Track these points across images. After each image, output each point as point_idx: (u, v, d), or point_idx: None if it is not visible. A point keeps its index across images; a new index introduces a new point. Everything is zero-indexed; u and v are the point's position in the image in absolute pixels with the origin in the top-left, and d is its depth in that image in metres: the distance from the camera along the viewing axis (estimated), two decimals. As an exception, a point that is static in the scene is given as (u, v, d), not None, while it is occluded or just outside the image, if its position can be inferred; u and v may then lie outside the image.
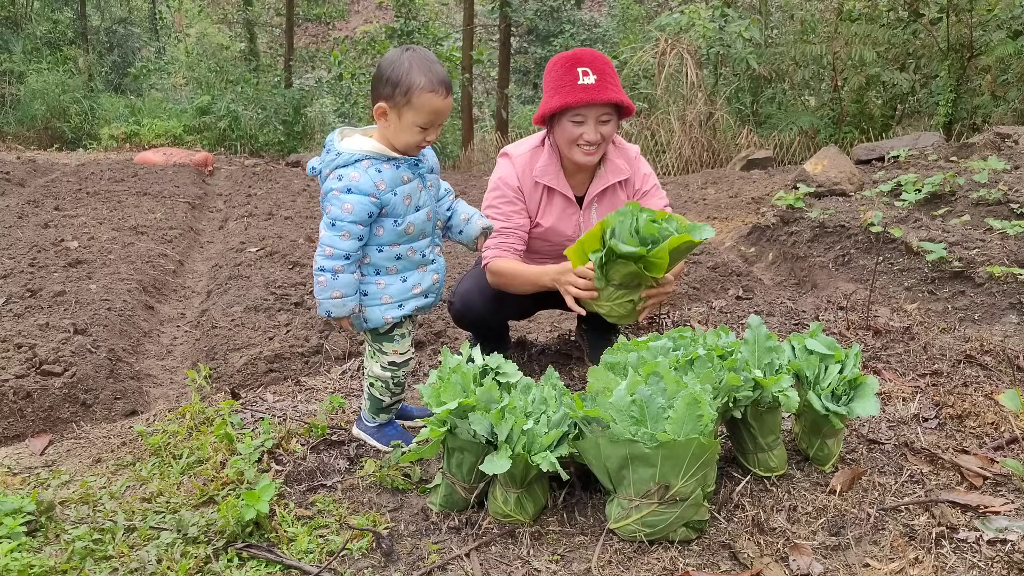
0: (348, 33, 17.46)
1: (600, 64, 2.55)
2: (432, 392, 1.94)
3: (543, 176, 2.71)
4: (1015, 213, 4.76)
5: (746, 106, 11.64)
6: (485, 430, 1.87)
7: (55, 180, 8.24)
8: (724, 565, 1.80)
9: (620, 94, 2.55)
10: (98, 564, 1.82)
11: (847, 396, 2.06)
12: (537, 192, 2.74)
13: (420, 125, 2.08)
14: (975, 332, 3.37)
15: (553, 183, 2.71)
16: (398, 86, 2.04)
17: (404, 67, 2.04)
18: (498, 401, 1.90)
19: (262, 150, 13.45)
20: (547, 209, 2.76)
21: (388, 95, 2.06)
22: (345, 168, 2.08)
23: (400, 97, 2.04)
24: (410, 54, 2.08)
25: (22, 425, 2.92)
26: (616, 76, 2.60)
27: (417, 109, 2.05)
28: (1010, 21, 9.37)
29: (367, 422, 2.39)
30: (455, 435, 1.93)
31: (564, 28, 18.22)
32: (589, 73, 2.51)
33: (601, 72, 2.53)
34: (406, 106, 2.05)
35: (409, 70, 2.04)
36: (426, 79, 2.04)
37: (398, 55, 2.09)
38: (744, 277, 4.69)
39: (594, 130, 2.56)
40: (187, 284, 5.16)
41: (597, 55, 2.59)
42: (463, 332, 3.74)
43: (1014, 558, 1.73)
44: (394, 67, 2.05)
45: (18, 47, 15.56)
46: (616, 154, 2.77)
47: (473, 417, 1.87)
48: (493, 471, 1.80)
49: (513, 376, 2.08)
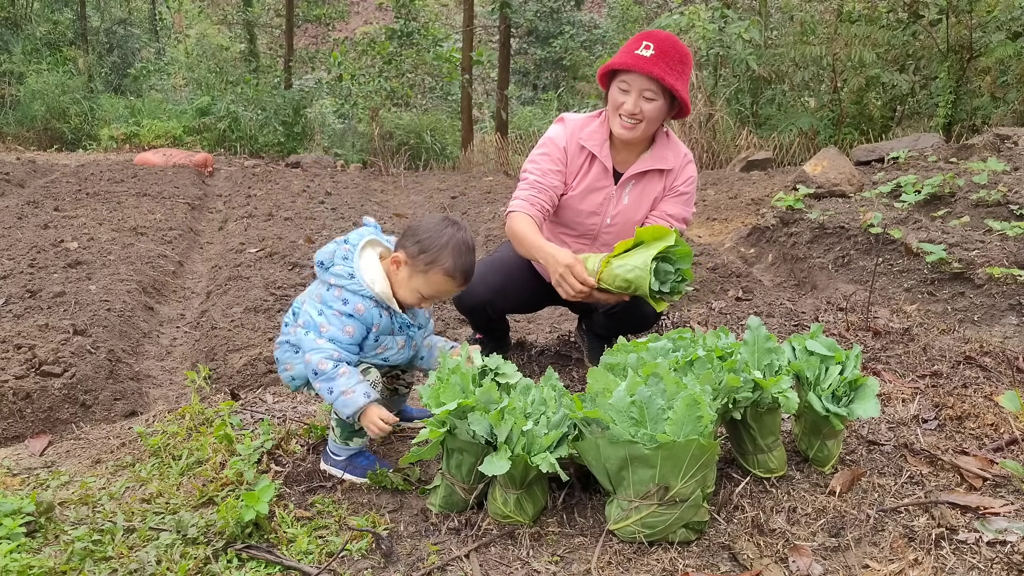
0: (348, 34, 17.45)
1: (667, 46, 2.53)
2: (431, 393, 1.94)
3: (588, 140, 2.73)
4: (1015, 214, 4.76)
5: (746, 107, 11.65)
6: (484, 431, 1.87)
7: (55, 181, 8.24)
8: (724, 566, 1.80)
9: (669, 76, 2.51)
10: (97, 565, 1.82)
11: (847, 397, 2.06)
12: (580, 157, 2.75)
13: (423, 294, 2.12)
14: (975, 333, 3.37)
15: (596, 149, 2.72)
16: (425, 252, 2.07)
17: (441, 241, 2.08)
18: (497, 402, 1.90)
19: (262, 151, 13.44)
20: (583, 176, 2.76)
21: (412, 253, 2.09)
22: (353, 296, 2.09)
23: (420, 262, 2.08)
24: (453, 231, 2.10)
25: (21, 426, 2.92)
26: (680, 63, 2.55)
27: (428, 281, 2.09)
28: (1009, 22, 9.38)
29: (334, 454, 2.23)
30: (454, 436, 1.93)
31: (564, 29, 18.25)
32: (651, 47, 2.51)
33: (663, 51, 2.51)
34: (420, 272, 2.09)
35: (443, 247, 2.07)
36: (452, 263, 2.07)
37: (443, 227, 2.11)
38: (744, 278, 4.69)
39: (635, 102, 2.56)
40: (187, 285, 5.16)
41: (673, 39, 2.56)
42: (463, 333, 3.74)
43: (1013, 559, 1.73)
44: (432, 235, 2.09)
45: (18, 48, 15.55)
46: (667, 146, 2.78)
47: (472, 418, 1.87)
48: (493, 472, 1.80)
49: (512, 377, 2.08)
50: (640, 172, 2.74)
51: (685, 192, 2.79)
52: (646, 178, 2.76)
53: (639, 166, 2.74)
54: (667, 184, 2.78)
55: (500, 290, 2.86)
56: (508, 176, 10.58)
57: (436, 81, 15.26)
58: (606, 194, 2.76)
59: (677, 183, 2.78)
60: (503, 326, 3.20)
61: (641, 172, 2.74)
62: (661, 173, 2.76)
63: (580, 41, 18.31)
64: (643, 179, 2.76)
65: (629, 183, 2.76)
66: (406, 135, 13.30)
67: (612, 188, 2.76)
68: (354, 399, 2.04)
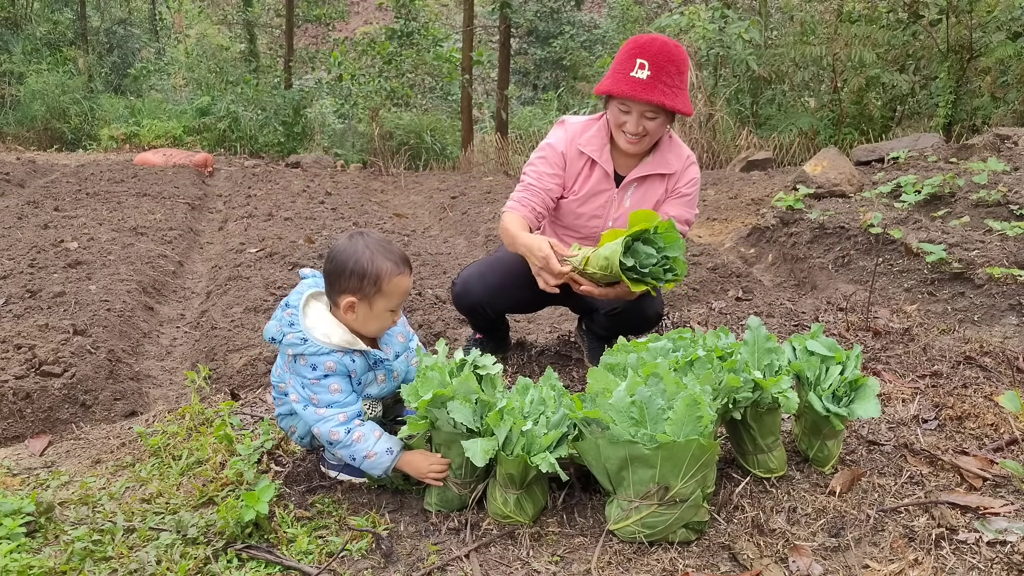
0: (348, 34, 17.44)
1: (662, 60, 2.48)
2: (410, 390, 1.94)
3: (587, 146, 2.73)
4: (1015, 214, 4.76)
5: (746, 107, 11.64)
6: (465, 419, 1.87)
7: (55, 181, 8.24)
8: (724, 566, 1.80)
9: (668, 97, 2.49)
10: (97, 565, 1.82)
11: (848, 397, 2.06)
12: (580, 161, 2.75)
13: (391, 308, 2.04)
14: (975, 333, 3.37)
15: (595, 155, 2.72)
16: (366, 277, 1.98)
17: (366, 256, 1.99)
18: (476, 391, 1.90)
19: (262, 151, 13.44)
20: (584, 181, 2.77)
21: (356, 288, 1.99)
22: (317, 358, 1.99)
23: (370, 287, 1.99)
24: (365, 240, 2.02)
25: (21, 426, 2.92)
26: (678, 75, 2.52)
27: (388, 295, 2.01)
28: (1009, 23, 9.37)
29: (331, 460, 2.23)
30: (438, 429, 1.93)
31: (564, 29, 18.24)
32: (645, 66, 2.47)
33: (659, 69, 2.47)
34: (377, 295, 2.00)
35: (372, 258, 1.99)
36: (391, 263, 2.00)
37: (352, 244, 2.01)
38: (744, 278, 4.69)
39: (636, 123, 2.56)
40: (187, 285, 5.16)
41: (667, 49, 2.50)
42: (463, 333, 3.74)
43: (1013, 559, 1.73)
44: (355, 258, 1.99)
45: (18, 48, 15.55)
46: (671, 149, 2.77)
47: (451, 406, 1.87)
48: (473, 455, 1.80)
49: (492, 369, 2.06)
50: (642, 176, 2.75)
51: (687, 194, 2.79)
52: (648, 181, 2.76)
53: (641, 170, 2.74)
54: (669, 187, 2.78)
55: (499, 289, 2.87)
56: (508, 176, 10.58)
57: (436, 81, 15.26)
58: (608, 197, 2.76)
59: (679, 185, 2.78)
60: (503, 326, 3.20)
61: (643, 176, 2.75)
62: (663, 176, 2.77)
63: (580, 41, 18.31)
64: (645, 182, 2.76)
65: (631, 186, 2.76)
66: (406, 135, 13.29)
67: (614, 191, 2.76)
68: (379, 461, 2.02)
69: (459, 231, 6.83)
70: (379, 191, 9.38)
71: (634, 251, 2.34)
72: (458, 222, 7.14)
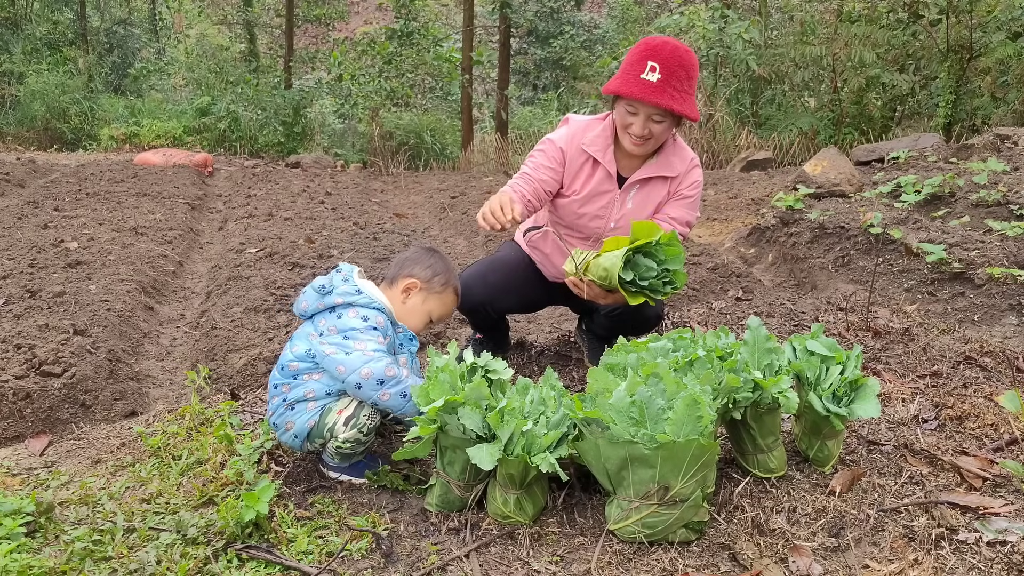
0: (348, 34, 17.44)
1: (673, 64, 2.47)
2: (421, 392, 1.94)
3: (590, 146, 2.72)
4: (1015, 214, 4.76)
5: (746, 107, 11.64)
6: (475, 426, 1.87)
7: (55, 181, 8.24)
8: (724, 566, 1.80)
9: (676, 102, 2.47)
10: (97, 565, 1.82)
11: (848, 397, 2.06)
12: (581, 160, 2.74)
13: (432, 317, 2.29)
14: (975, 333, 3.37)
15: (597, 155, 2.71)
16: (438, 275, 2.28)
17: (447, 268, 2.31)
18: (487, 398, 1.90)
19: (262, 151, 13.44)
20: (587, 182, 2.75)
21: (426, 278, 2.27)
22: (370, 311, 2.15)
23: (437, 284, 2.27)
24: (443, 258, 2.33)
25: (21, 426, 2.92)
26: (687, 80, 2.51)
27: (442, 301, 2.29)
28: (1010, 23, 9.38)
29: (330, 461, 2.22)
30: (446, 433, 1.93)
31: (564, 29, 18.24)
32: (656, 69, 2.46)
33: (669, 73, 2.46)
34: (435, 294, 2.27)
35: (451, 273, 2.32)
36: (457, 286, 2.33)
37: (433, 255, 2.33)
38: (744, 278, 4.69)
39: (643, 126, 2.55)
40: (187, 285, 5.16)
41: (678, 53, 2.48)
42: (463, 333, 3.74)
43: (1013, 559, 1.73)
44: (439, 260, 2.32)
45: (18, 48, 15.54)
46: (675, 152, 2.76)
47: (462, 412, 1.86)
48: (478, 460, 1.79)
49: (504, 374, 2.07)
50: (644, 178, 2.74)
51: (689, 196, 2.79)
52: (651, 183, 2.76)
53: (644, 172, 2.73)
54: (672, 189, 2.77)
55: (500, 289, 2.86)
56: (508, 176, 10.56)
57: (436, 81, 15.25)
58: (610, 198, 2.76)
59: (682, 187, 2.78)
60: (503, 326, 3.20)
61: (646, 178, 2.74)
62: (666, 179, 2.76)
63: (580, 41, 18.31)
64: (647, 184, 2.76)
65: (633, 188, 2.75)
66: (406, 135, 13.29)
67: (616, 192, 2.75)
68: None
69: (459, 231, 6.82)
70: (379, 191, 9.38)
71: (634, 264, 2.36)
72: (458, 222, 7.13)
